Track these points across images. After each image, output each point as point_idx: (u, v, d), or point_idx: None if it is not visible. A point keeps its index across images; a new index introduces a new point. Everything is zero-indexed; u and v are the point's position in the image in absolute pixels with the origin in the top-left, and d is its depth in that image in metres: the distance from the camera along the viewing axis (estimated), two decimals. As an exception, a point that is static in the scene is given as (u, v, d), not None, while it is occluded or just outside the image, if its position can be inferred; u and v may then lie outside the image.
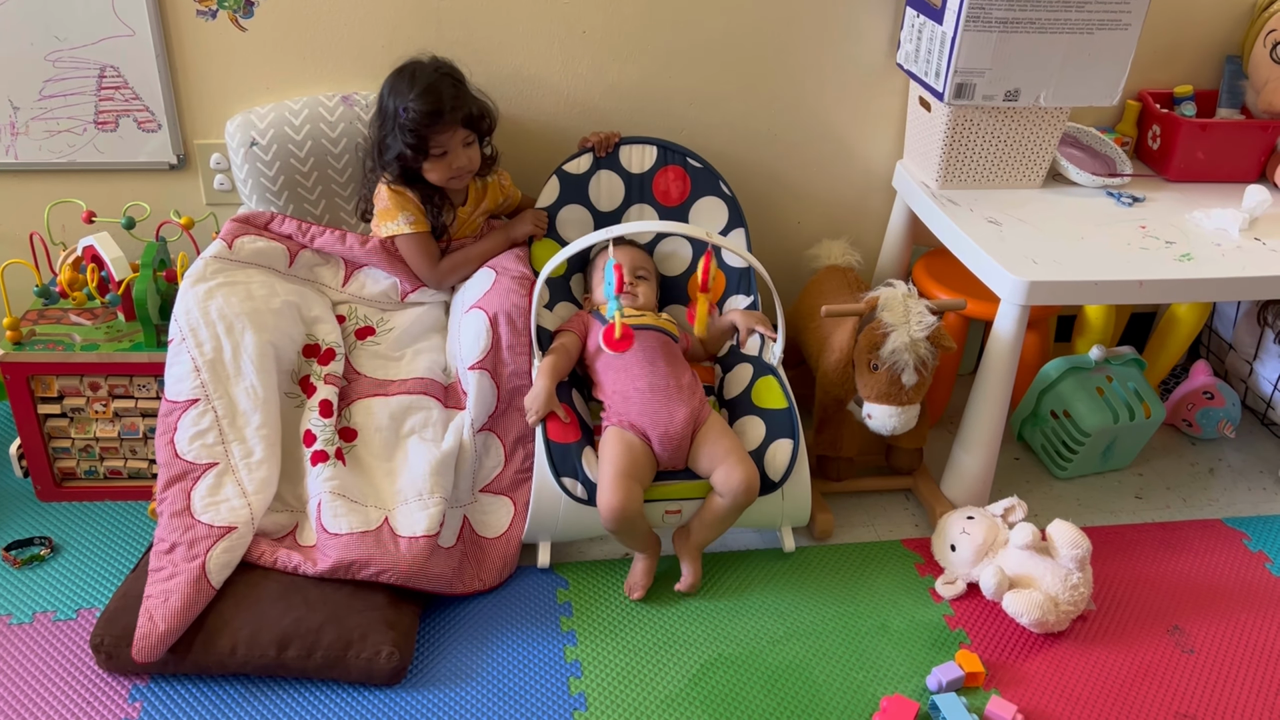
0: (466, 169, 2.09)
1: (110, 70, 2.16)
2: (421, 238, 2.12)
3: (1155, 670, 1.88)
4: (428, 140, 2.01)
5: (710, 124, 2.40)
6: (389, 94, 2.03)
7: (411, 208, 2.09)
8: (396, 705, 1.73)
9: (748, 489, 1.89)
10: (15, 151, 2.22)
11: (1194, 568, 2.12)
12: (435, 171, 2.06)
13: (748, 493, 1.90)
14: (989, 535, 2.00)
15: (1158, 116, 2.44)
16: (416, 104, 1.97)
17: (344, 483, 1.91)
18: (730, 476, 1.89)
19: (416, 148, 2.01)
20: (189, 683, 1.75)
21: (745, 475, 1.89)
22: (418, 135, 2.00)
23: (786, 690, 1.80)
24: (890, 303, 2.01)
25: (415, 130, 1.99)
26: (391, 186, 2.09)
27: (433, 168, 2.06)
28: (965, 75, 2.12)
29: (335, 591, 1.79)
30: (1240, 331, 2.60)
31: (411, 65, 2.05)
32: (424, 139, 2.00)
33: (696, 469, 1.97)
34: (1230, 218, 2.17)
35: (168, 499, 1.83)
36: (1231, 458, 2.48)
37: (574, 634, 1.89)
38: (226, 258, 2.03)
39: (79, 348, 2.02)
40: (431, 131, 2.00)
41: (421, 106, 1.97)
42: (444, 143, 2.03)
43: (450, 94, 2.01)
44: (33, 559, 1.99)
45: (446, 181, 2.09)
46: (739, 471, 1.90)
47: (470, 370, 2.02)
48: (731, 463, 1.91)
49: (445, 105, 1.99)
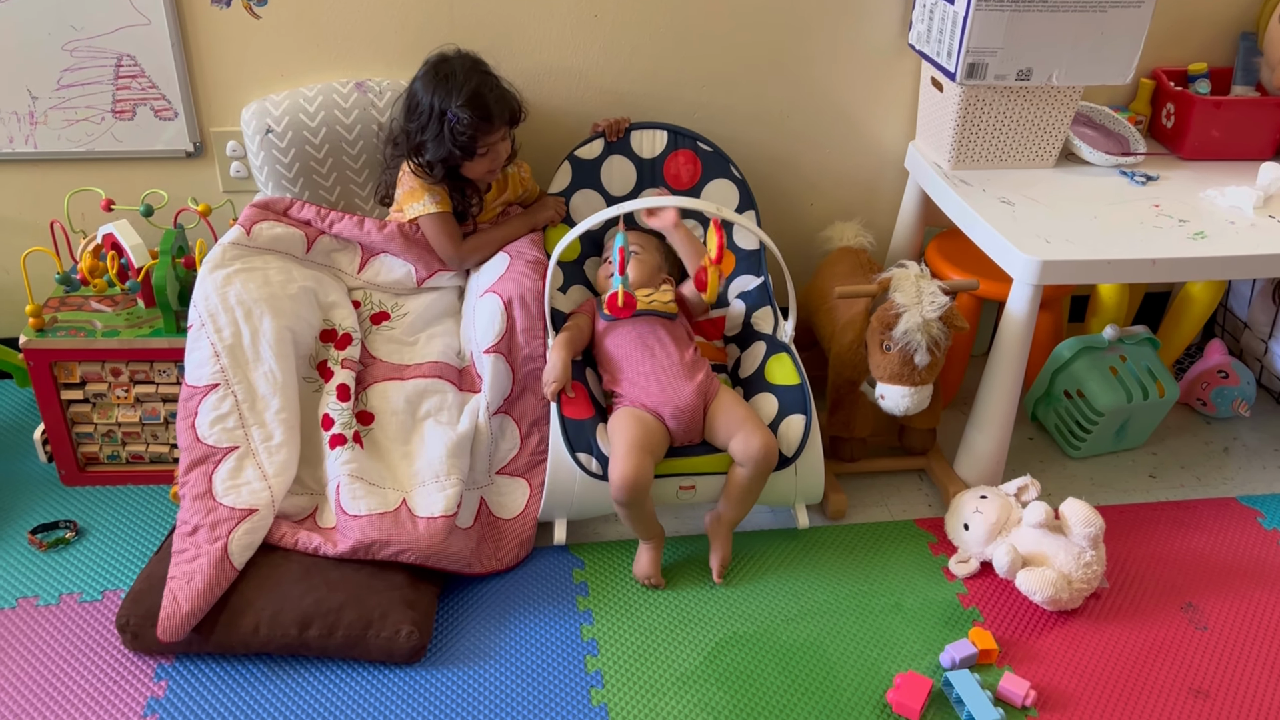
0: (501, 164, 2.14)
1: (127, 59, 2.18)
2: (446, 218, 2.14)
3: (1168, 647, 1.88)
4: (476, 144, 2.04)
5: (722, 107, 2.41)
6: (430, 94, 2.03)
7: (437, 189, 2.12)
8: (416, 683, 1.76)
9: (766, 454, 1.91)
10: (35, 141, 2.24)
11: (1208, 546, 2.13)
12: (476, 169, 2.11)
13: (767, 457, 1.91)
14: (1002, 514, 2.01)
15: (1172, 95, 2.43)
16: (467, 112, 2.00)
17: (362, 465, 1.93)
18: (748, 443, 1.91)
19: (465, 151, 2.04)
20: (213, 662, 1.78)
21: (763, 440, 1.92)
22: (469, 140, 2.03)
23: (801, 668, 1.82)
24: (903, 283, 2.01)
25: (466, 135, 2.02)
26: (419, 171, 2.11)
27: (474, 166, 2.09)
28: (977, 55, 2.11)
29: (355, 572, 1.82)
30: (1255, 310, 2.59)
31: (449, 63, 2.05)
32: (473, 143, 2.04)
33: (714, 441, 1.99)
34: (1244, 195, 2.17)
35: (189, 482, 1.85)
36: (1246, 436, 2.48)
37: (590, 613, 1.92)
38: (244, 244, 2.05)
39: (100, 334, 2.05)
40: (480, 135, 2.03)
41: (473, 114, 2.00)
42: (489, 144, 2.07)
43: (494, 97, 2.04)
44: (58, 542, 2.02)
45: (482, 177, 2.14)
46: (756, 437, 1.91)
47: (485, 354, 2.04)
48: (748, 429, 1.93)
49: (493, 110, 2.03)
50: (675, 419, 1.96)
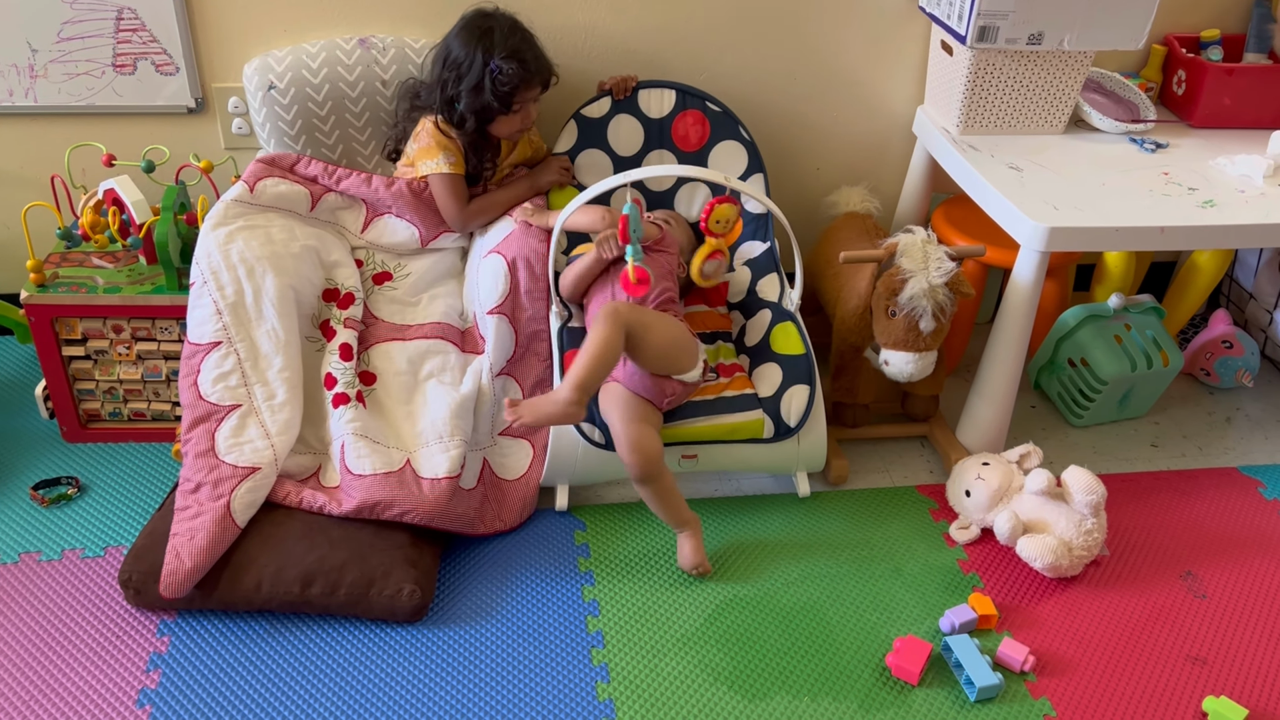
0: (529, 126, 2.15)
1: (128, 12, 2.16)
2: (456, 180, 2.12)
3: (1167, 614, 1.89)
4: (513, 98, 2.05)
5: (730, 67, 2.38)
6: (472, 46, 2.02)
7: (453, 149, 2.10)
8: (418, 642, 1.77)
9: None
10: (35, 94, 2.22)
11: (1208, 514, 2.13)
12: (506, 126, 2.10)
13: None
14: (1004, 481, 2.01)
15: (1183, 61, 2.40)
16: (511, 64, 2.01)
17: (365, 424, 1.93)
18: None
19: (503, 103, 2.05)
20: (215, 618, 1.79)
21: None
22: (509, 93, 2.04)
23: (801, 630, 1.83)
24: (909, 249, 2.00)
25: (507, 88, 2.03)
26: (440, 125, 2.09)
27: (506, 122, 2.10)
28: (989, 18, 2.09)
29: (358, 531, 1.82)
30: (1261, 280, 2.58)
31: (490, 18, 2.06)
32: (511, 97, 2.04)
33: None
34: (1255, 164, 2.15)
35: (192, 440, 1.85)
36: (1249, 407, 2.47)
37: (591, 574, 1.92)
38: (247, 201, 2.03)
39: (102, 290, 2.04)
40: (519, 90, 2.05)
41: (516, 68, 2.02)
42: (525, 100, 2.08)
43: (534, 55, 2.07)
44: (60, 498, 2.02)
45: (510, 135, 2.14)
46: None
47: (489, 315, 2.03)
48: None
49: (533, 67, 2.05)
50: (643, 392, 1.93)
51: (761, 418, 1.99)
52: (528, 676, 1.72)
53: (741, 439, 2.00)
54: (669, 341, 1.90)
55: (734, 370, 2.14)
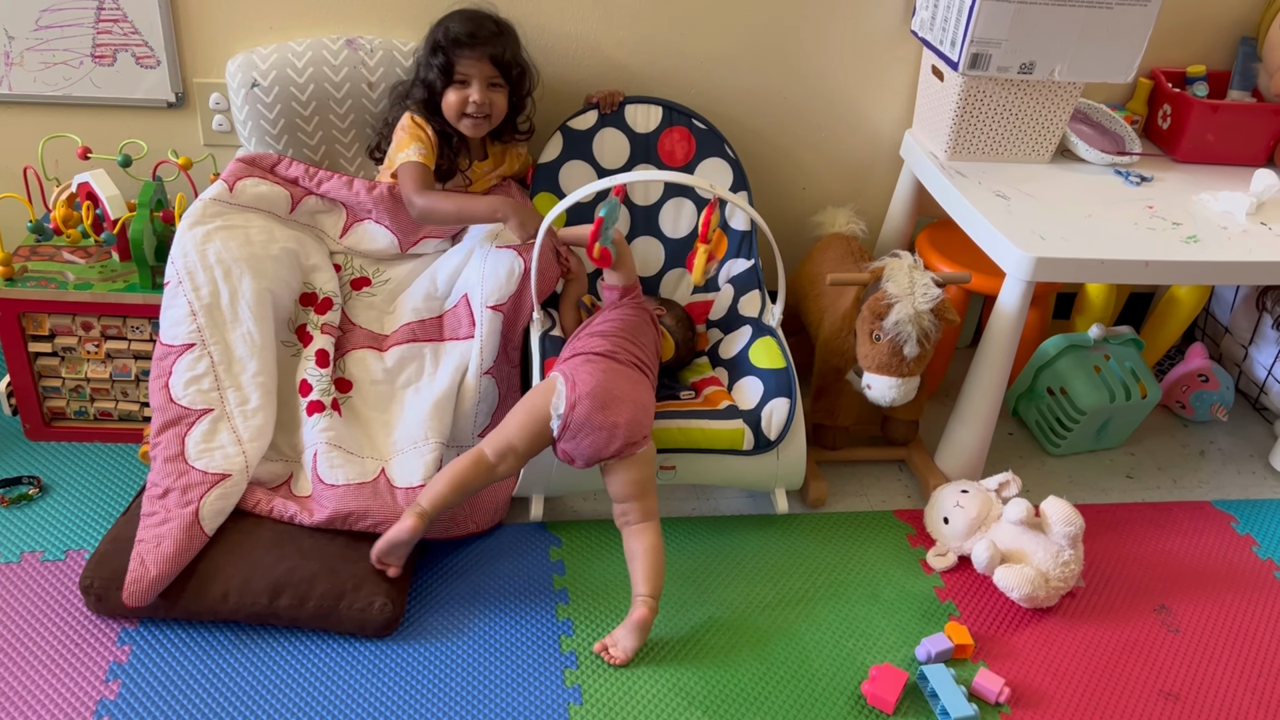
0: (484, 112, 2.04)
1: (110, 3, 2.11)
2: (423, 168, 2.04)
3: (1141, 648, 1.89)
4: (455, 64, 2.01)
5: (718, 84, 2.37)
6: (436, 25, 2.04)
7: (426, 142, 2.05)
8: (387, 657, 1.73)
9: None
10: (9, 83, 2.17)
11: (1182, 548, 2.14)
12: (451, 98, 2.03)
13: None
14: (983, 509, 2.01)
15: (1169, 96, 2.42)
16: (454, 24, 2.00)
17: (340, 433, 1.89)
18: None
19: (443, 68, 2.01)
20: (179, 628, 1.74)
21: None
22: (446, 56, 2.00)
23: (777, 656, 1.81)
24: (895, 273, 1.99)
25: (445, 50, 2.00)
26: (414, 118, 2.06)
27: (452, 96, 2.03)
28: (981, 45, 2.09)
29: (329, 542, 1.78)
30: (1237, 316, 2.60)
31: (469, 9, 2.06)
32: (452, 61, 2.00)
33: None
34: (1238, 201, 2.17)
35: (161, 443, 1.81)
36: (1223, 441, 2.49)
37: (566, 592, 1.89)
38: (226, 200, 1.99)
39: (72, 286, 1.99)
40: (460, 54, 2.00)
41: (458, 27, 2.00)
42: (468, 71, 2.01)
43: (490, 29, 2.02)
44: (21, 498, 1.97)
45: (458, 119, 2.05)
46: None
47: (489, 309, 1.99)
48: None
49: (481, 33, 2.01)
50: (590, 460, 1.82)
51: (742, 428, 1.97)
52: (499, 697, 1.69)
53: (721, 448, 1.97)
54: (527, 415, 1.80)
55: (711, 383, 2.13)
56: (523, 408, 1.82)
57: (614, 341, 1.90)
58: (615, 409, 1.76)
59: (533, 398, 1.82)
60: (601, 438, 1.75)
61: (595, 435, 1.75)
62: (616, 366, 1.84)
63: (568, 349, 1.94)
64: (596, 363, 1.83)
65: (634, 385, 1.83)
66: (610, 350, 1.87)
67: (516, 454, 1.80)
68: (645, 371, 1.91)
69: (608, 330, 1.94)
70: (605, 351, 1.86)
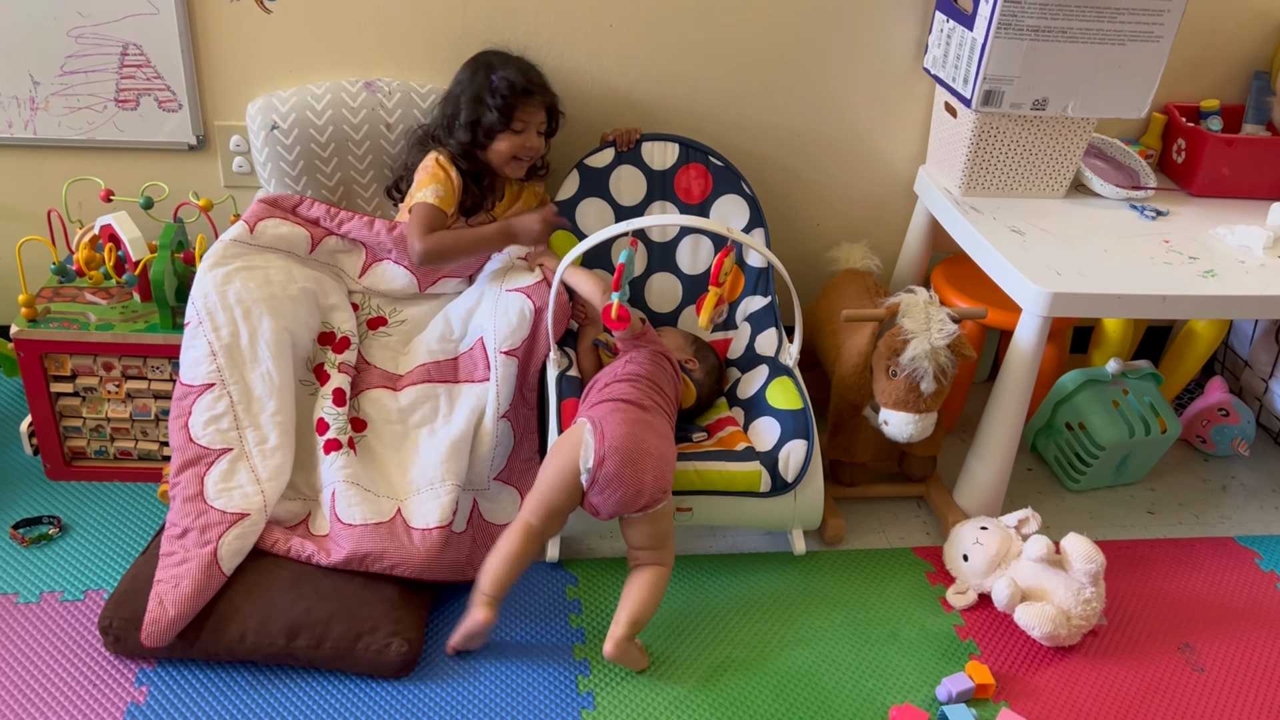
0: (531, 155, 2.11)
1: (133, 48, 2.15)
2: (435, 211, 2.04)
3: (1165, 688, 1.87)
4: (514, 111, 2.05)
5: (733, 121, 2.39)
6: (475, 70, 2.07)
7: (446, 186, 2.07)
8: (404, 697, 1.72)
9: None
10: (34, 127, 2.20)
11: (1205, 585, 2.11)
12: (505, 144, 2.07)
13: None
14: (1002, 546, 1.99)
15: (1183, 130, 2.42)
16: (513, 75, 2.04)
17: (356, 472, 1.90)
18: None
19: (503, 113, 2.04)
20: (196, 668, 1.74)
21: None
22: (508, 104, 2.03)
23: (795, 696, 1.79)
24: (911, 309, 1.99)
25: (507, 98, 2.03)
26: (440, 161, 2.08)
27: (505, 141, 2.07)
28: (994, 82, 2.10)
29: (347, 582, 1.78)
30: (1257, 349, 2.59)
31: (499, 53, 2.10)
32: (512, 108, 2.04)
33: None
34: (1254, 235, 2.16)
35: (180, 483, 1.82)
36: (1245, 476, 2.47)
37: (583, 631, 1.88)
38: (246, 241, 2.01)
39: (94, 327, 2.01)
40: (520, 103, 2.05)
41: (517, 78, 2.04)
42: (526, 119, 2.07)
43: (539, 78, 2.09)
44: (41, 538, 1.98)
45: (508, 161, 2.10)
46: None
47: (503, 354, 2.01)
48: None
49: (536, 83, 2.06)
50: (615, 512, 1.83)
51: (759, 470, 1.97)
52: (516, 737, 1.68)
53: (738, 491, 1.97)
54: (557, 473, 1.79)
55: (726, 423, 2.12)
56: (553, 463, 1.81)
57: (639, 388, 1.90)
58: (643, 465, 1.76)
59: (561, 452, 1.81)
60: (629, 494, 1.76)
61: (623, 491, 1.75)
62: (643, 416, 1.84)
63: (593, 394, 1.93)
64: (624, 411, 1.83)
65: (660, 438, 1.84)
66: (637, 398, 1.87)
67: (559, 512, 1.81)
68: (668, 418, 1.92)
69: (633, 373, 1.93)
70: (632, 399, 1.86)
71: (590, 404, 1.90)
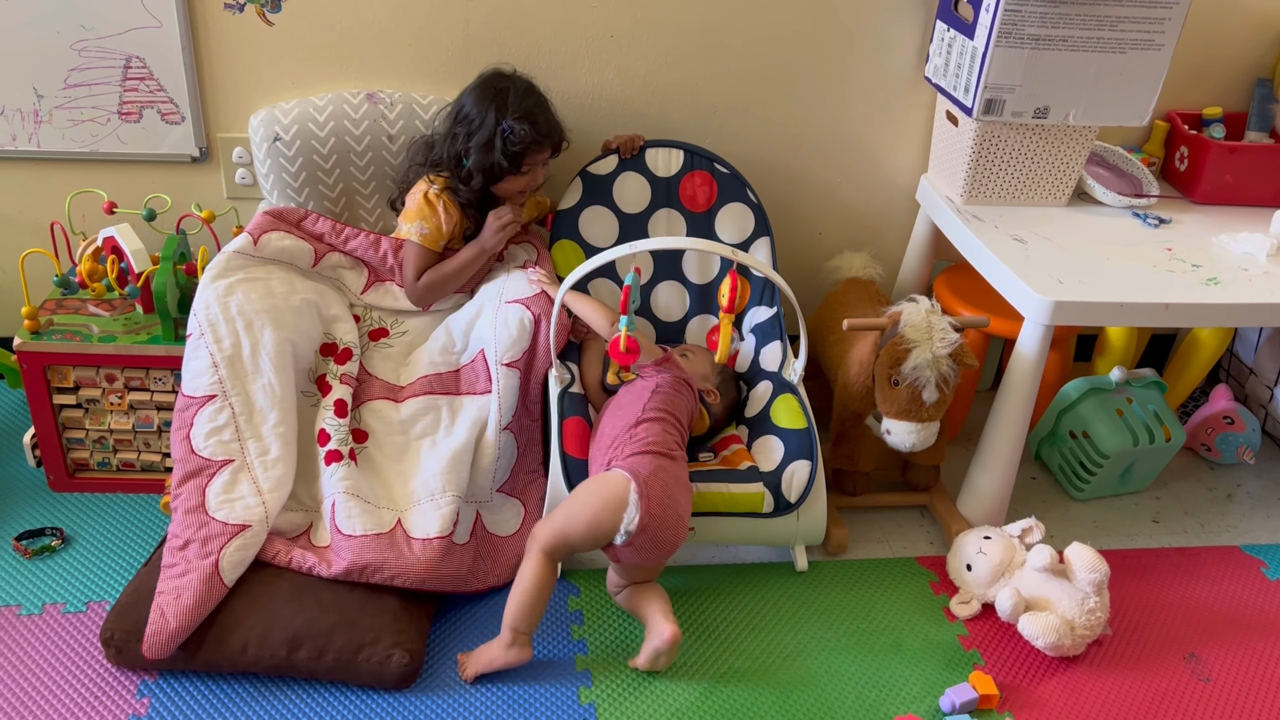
0: (534, 187, 2.14)
1: (136, 61, 2.16)
2: (424, 251, 2.11)
3: (1171, 698, 1.86)
4: (523, 159, 2.05)
5: (734, 130, 2.39)
6: (485, 105, 2.03)
7: (432, 224, 2.09)
8: (405, 709, 1.72)
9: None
10: (38, 140, 2.21)
11: (1211, 594, 2.10)
12: (511, 186, 2.10)
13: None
14: (1006, 556, 1.98)
15: (1186, 138, 2.42)
16: (522, 127, 2.01)
17: (357, 483, 1.90)
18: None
19: (513, 163, 2.04)
20: (198, 680, 1.74)
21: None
22: (518, 154, 2.03)
23: (799, 706, 1.79)
24: (913, 318, 1.99)
25: (517, 148, 2.03)
26: (429, 196, 2.08)
27: (512, 182, 2.09)
28: (995, 91, 2.10)
29: (348, 593, 1.78)
30: (1262, 356, 2.58)
31: (505, 79, 2.07)
32: (521, 158, 2.04)
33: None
34: (1258, 242, 2.15)
35: (182, 495, 1.82)
36: (1250, 484, 2.46)
37: (585, 643, 1.88)
38: (249, 253, 2.01)
39: (96, 339, 2.02)
40: (529, 152, 2.05)
41: (527, 130, 2.02)
42: (533, 163, 2.08)
43: (545, 119, 2.07)
44: (43, 549, 1.98)
45: (512, 195, 2.13)
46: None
47: (504, 366, 2.01)
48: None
49: (543, 131, 2.06)
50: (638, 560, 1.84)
51: (762, 491, 1.96)
52: (518, 749, 1.68)
53: (740, 512, 1.96)
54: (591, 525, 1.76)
55: (731, 441, 2.12)
56: (588, 512, 1.76)
57: (668, 428, 1.88)
58: (678, 528, 1.79)
59: (599, 505, 1.75)
60: (661, 555, 1.80)
61: (658, 554, 1.79)
62: (674, 468, 1.83)
63: (622, 434, 1.87)
64: (666, 471, 1.80)
65: (685, 490, 1.84)
66: (668, 447, 1.85)
67: (574, 550, 1.81)
68: (684, 451, 1.92)
69: (660, 408, 1.90)
70: (664, 450, 1.84)
71: (624, 450, 1.83)
